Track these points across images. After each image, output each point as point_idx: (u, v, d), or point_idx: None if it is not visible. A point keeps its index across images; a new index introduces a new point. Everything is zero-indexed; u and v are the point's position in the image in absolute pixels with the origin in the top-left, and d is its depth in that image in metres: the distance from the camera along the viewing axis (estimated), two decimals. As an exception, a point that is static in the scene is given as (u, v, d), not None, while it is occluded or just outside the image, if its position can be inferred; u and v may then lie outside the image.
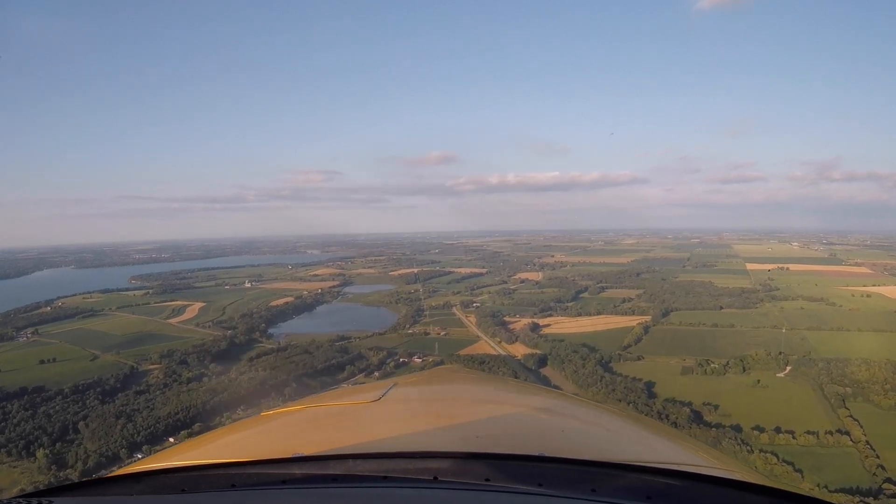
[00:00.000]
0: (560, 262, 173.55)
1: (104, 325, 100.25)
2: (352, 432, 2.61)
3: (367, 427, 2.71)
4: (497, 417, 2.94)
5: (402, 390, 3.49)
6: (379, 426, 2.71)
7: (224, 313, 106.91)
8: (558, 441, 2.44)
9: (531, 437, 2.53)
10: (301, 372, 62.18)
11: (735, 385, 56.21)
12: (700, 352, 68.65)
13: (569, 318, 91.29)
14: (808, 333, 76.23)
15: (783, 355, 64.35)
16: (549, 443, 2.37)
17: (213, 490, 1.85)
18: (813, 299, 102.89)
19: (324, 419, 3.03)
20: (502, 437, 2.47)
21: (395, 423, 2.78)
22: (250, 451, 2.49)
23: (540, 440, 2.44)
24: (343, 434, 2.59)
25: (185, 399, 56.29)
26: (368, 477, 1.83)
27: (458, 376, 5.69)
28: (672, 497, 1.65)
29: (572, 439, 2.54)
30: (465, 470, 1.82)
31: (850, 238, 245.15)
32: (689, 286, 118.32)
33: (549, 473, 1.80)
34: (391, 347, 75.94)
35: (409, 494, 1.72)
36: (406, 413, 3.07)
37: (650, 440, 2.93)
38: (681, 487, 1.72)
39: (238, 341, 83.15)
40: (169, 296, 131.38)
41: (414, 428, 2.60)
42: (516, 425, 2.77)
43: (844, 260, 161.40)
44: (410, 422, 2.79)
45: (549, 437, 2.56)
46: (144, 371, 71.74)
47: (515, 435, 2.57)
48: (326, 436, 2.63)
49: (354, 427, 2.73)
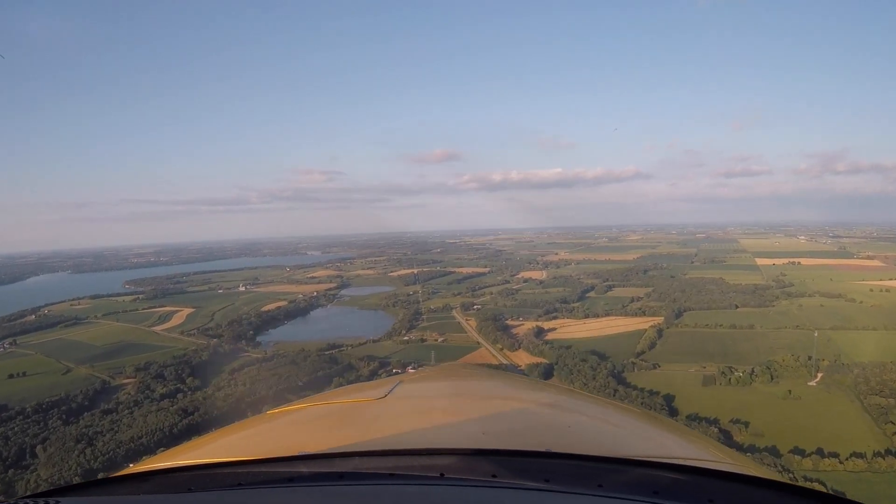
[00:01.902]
0: (564, 259, 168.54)
1: (86, 334, 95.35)
2: (358, 430, 2.56)
3: (373, 424, 2.65)
4: (503, 413, 2.88)
5: (407, 387, 3.42)
6: (385, 423, 2.66)
7: (212, 320, 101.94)
8: (565, 437, 2.45)
9: (537, 433, 2.50)
10: (283, 386, 56.83)
11: (764, 397, 50.43)
12: (721, 357, 62.90)
13: (575, 321, 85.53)
14: (834, 334, 70.43)
15: (813, 360, 58.52)
16: (556, 439, 2.38)
17: (219, 488, 1.84)
18: (830, 295, 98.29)
19: (329, 417, 2.98)
20: (508, 434, 2.43)
21: (400, 420, 2.73)
22: (256, 449, 2.45)
23: (546, 436, 2.43)
24: (349, 432, 2.55)
25: (152, 421, 50.99)
26: (375, 474, 1.83)
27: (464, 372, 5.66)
28: (679, 492, 1.65)
29: (579, 435, 2.52)
30: (471, 466, 1.82)
31: (856, 230, 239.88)
32: (700, 283, 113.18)
33: (555, 469, 1.80)
34: (384, 356, 70.59)
35: (416, 491, 1.70)
36: (412, 410, 3.02)
37: (657, 435, 2.88)
38: (688, 482, 1.72)
39: (222, 350, 78.02)
40: (159, 301, 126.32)
41: (420, 425, 2.57)
42: (522, 421, 2.72)
43: (855, 253, 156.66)
44: (416, 419, 2.76)
45: (556, 432, 2.55)
46: (117, 386, 66.77)
47: (522, 431, 2.52)
48: (332, 433, 2.58)
49: (360, 424, 2.68)
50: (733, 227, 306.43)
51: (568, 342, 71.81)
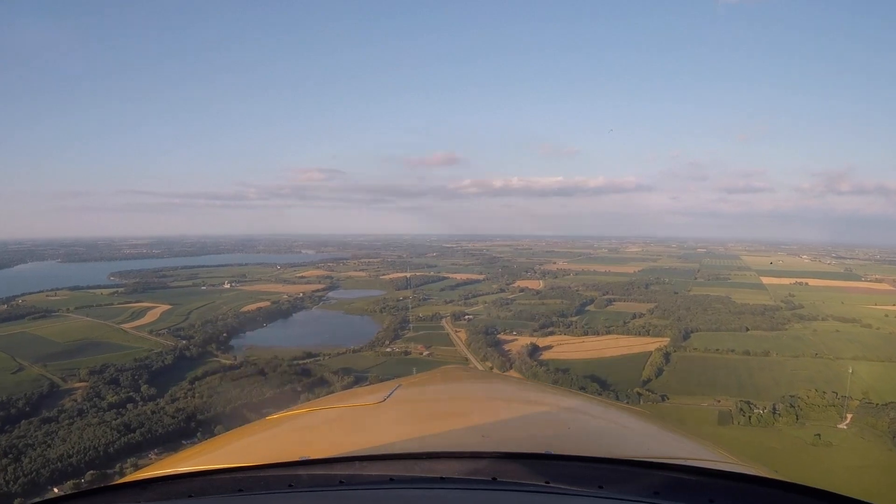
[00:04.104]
0: (563, 269, 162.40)
1: (50, 329, 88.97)
2: (357, 434, 2.59)
3: (373, 429, 2.67)
4: (503, 416, 2.90)
5: (406, 391, 3.42)
6: (384, 428, 2.68)
7: (187, 319, 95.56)
8: (565, 438, 2.45)
9: (537, 435, 2.52)
10: (243, 402, 50.56)
11: (790, 442, 44.04)
12: (737, 389, 56.60)
13: (573, 339, 79.05)
14: (857, 365, 64.22)
15: (840, 397, 52.27)
16: (556, 440, 2.37)
17: (220, 495, 1.85)
18: (845, 320, 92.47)
19: (329, 422, 2.99)
20: (508, 436, 2.43)
21: (400, 424, 2.76)
22: (256, 455, 2.44)
23: (546, 438, 2.43)
24: (349, 436, 2.58)
25: (88, 436, 44.68)
26: (375, 479, 1.82)
27: (463, 375, 5.64)
28: (680, 492, 1.65)
29: (578, 436, 2.54)
30: (471, 469, 1.81)
31: (858, 252, 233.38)
32: (705, 301, 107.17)
33: (556, 471, 1.79)
34: (362, 370, 64.30)
35: (416, 496, 1.71)
36: (411, 414, 3.04)
37: (657, 436, 2.91)
38: (688, 482, 1.71)
39: (189, 354, 71.82)
40: (139, 296, 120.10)
41: (419, 429, 2.59)
42: (522, 424, 2.74)
43: (862, 275, 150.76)
44: (416, 423, 2.79)
45: (555, 434, 2.55)
46: (67, 389, 60.44)
47: (522, 433, 2.54)
48: (332, 439, 2.62)
49: (360, 429, 2.69)
50: (733, 243, 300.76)
51: (565, 364, 65.43)
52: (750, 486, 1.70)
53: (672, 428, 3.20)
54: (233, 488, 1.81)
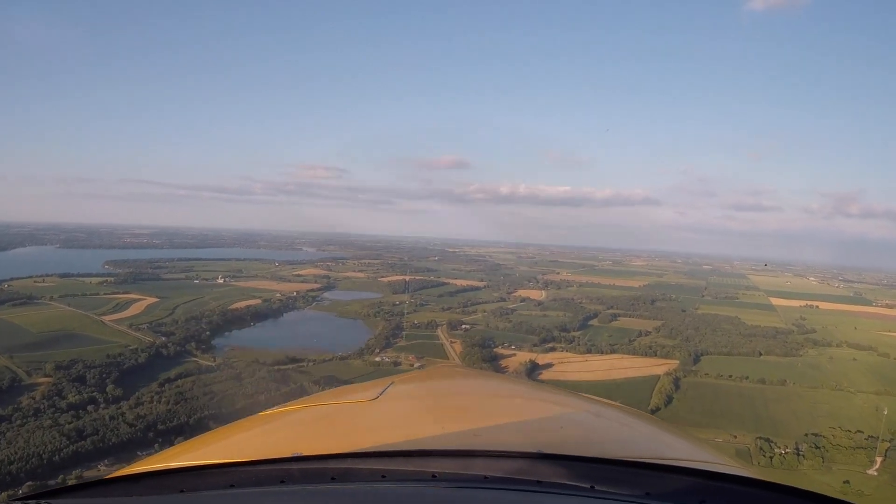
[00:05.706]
0: (566, 280, 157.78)
1: (29, 317, 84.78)
2: (350, 431, 2.57)
3: (366, 426, 2.65)
4: (495, 415, 2.88)
5: (400, 388, 3.38)
6: (377, 425, 2.67)
7: (172, 314, 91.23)
8: (556, 438, 2.45)
9: (529, 433, 2.50)
10: (212, 411, 46.20)
11: (816, 488, 39.18)
12: (753, 423, 52.02)
13: (576, 356, 74.44)
14: (881, 401, 59.41)
15: (868, 438, 47.43)
16: (548, 439, 2.35)
17: (211, 490, 1.84)
18: (860, 347, 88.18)
19: (322, 418, 2.95)
20: (501, 435, 2.43)
21: (393, 421, 2.74)
22: (249, 450, 2.44)
23: (538, 437, 2.41)
24: (341, 433, 2.56)
25: (35, 441, 40.45)
26: (367, 476, 1.82)
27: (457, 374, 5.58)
28: (671, 493, 1.66)
29: (570, 436, 2.53)
30: (463, 467, 1.83)
31: (865, 275, 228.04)
32: (714, 321, 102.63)
33: (547, 470, 1.80)
34: (347, 379, 59.64)
35: (408, 493, 1.72)
36: (404, 411, 3.03)
37: (649, 436, 2.90)
38: (680, 483, 1.73)
39: (166, 353, 67.55)
40: (128, 287, 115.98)
41: (412, 426, 2.58)
42: (515, 423, 2.72)
43: (873, 300, 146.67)
44: (409, 420, 2.79)
45: (548, 433, 2.54)
46: (29, 385, 56.21)
47: (514, 433, 2.52)
48: (325, 435, 2.60)
49: (353, 426, 2.68)
50: (738, 261, 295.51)
51: (566, 386, 60.54)
52: (741, 487, 1.70)
53: (665, 428, 3.15)
54: (225, 483, 1.80)
